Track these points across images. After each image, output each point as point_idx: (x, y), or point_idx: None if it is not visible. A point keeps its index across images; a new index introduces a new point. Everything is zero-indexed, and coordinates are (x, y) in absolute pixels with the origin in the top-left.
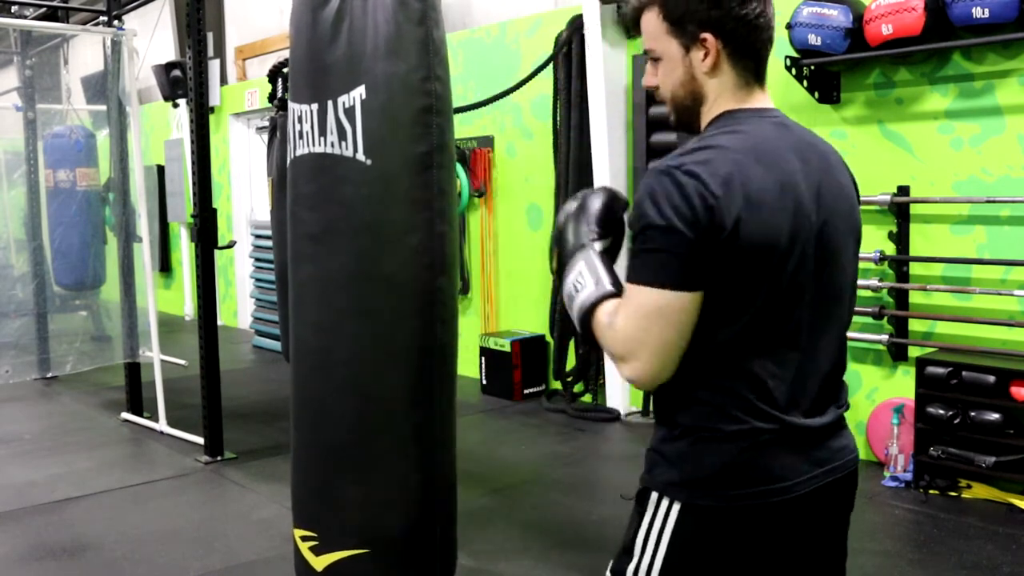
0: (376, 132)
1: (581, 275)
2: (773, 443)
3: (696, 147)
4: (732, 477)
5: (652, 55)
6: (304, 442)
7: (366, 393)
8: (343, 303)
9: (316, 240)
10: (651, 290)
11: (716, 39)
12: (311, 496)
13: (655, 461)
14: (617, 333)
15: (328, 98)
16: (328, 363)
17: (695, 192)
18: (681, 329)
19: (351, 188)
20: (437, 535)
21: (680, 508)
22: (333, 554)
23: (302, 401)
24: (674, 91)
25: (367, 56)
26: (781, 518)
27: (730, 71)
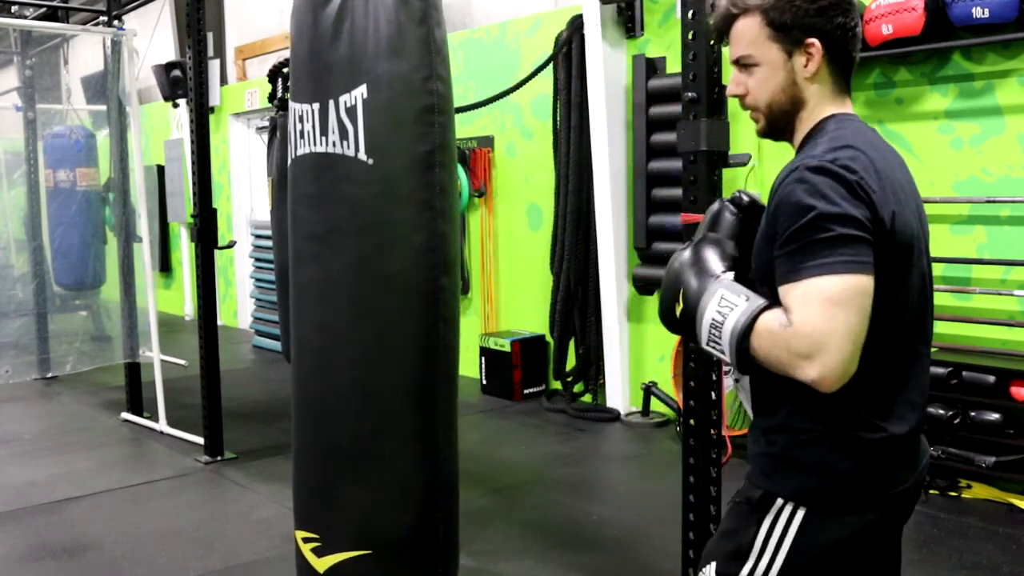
0: (378, 131)
1: (724, 300)
2: (902, 450)
3: (836, 145)
4: (864, 485)
5: (746, 61)
6: (306, 442)
7: (368, 393)
8: (345, 303)
9: (319, 240)
10: (832, 277)
11: (821, 45)
12: (313, 497)
13: (776, 466)
14: (799, 329)
15: (329, 97)
16: (330, 363)
17: (857, 185)
18: (866, 315)
19: (353, 188)
20: (440, 535)
21: (805, 514)
22: (335, 555)
23: (304, 401)
24: (773, 96)
25: (368, 55)
26: (891, 522)
27: (828, 77)
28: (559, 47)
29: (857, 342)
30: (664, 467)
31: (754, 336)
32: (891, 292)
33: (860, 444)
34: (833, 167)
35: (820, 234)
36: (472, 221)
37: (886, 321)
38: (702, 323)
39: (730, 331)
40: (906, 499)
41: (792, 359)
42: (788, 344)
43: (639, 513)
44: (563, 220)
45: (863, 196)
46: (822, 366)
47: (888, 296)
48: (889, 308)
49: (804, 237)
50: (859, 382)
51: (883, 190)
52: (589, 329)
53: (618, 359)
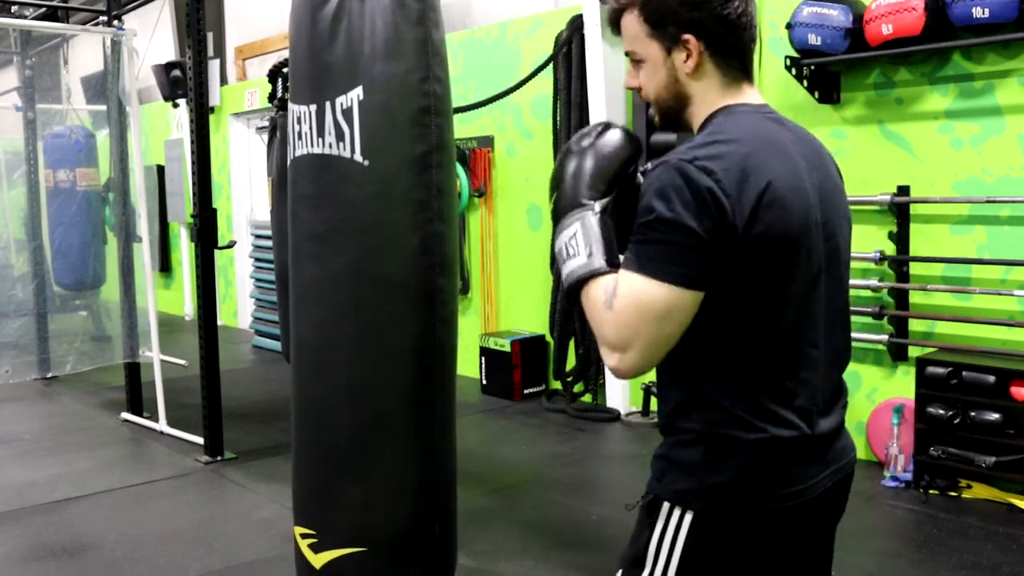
0: (374, 133)
1: (575, 239)
2: (791, 449)
3: (707, 141)
4: (748, 485)
5: (634, 57)
6: (305, 441)
7: (366, 393)
8: (344, 303)
9: (318, 240)
10: (655, 283)
11: (698, 40)
12: (311, 494)
13: (665, 469)
14: (615, 318)
15: (326, 99)
16: (329, 363)
17: (707, 188)
18: (679, 327)
19: (350, 189)
20: (436, 535)
21: (693, 517)
22: (331, 552)
23: (303, 400)
24: (657, 93)
25: (365, 57)
26: (791, 522)
27: (714, 71)
28: (559, 47)
29: (661, 348)
30: None
31: (583, 294)
32: (757, 294)
33: (739, 445)
34: (689, 168)
35: (653, 236)
36: (472, 221)
37: (758, 321)
38: (555, 240)
39: (567, 275)
40: (806, 501)
41: (601, 338)
42: (601, 326)
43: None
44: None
45: (708, 204)
46: (619, 361)
47: (752, 299)
48: (761, 309)
49: (643, 234)
50: (736, 382)
51: (743, 192)
52: (589, 329)
53: None
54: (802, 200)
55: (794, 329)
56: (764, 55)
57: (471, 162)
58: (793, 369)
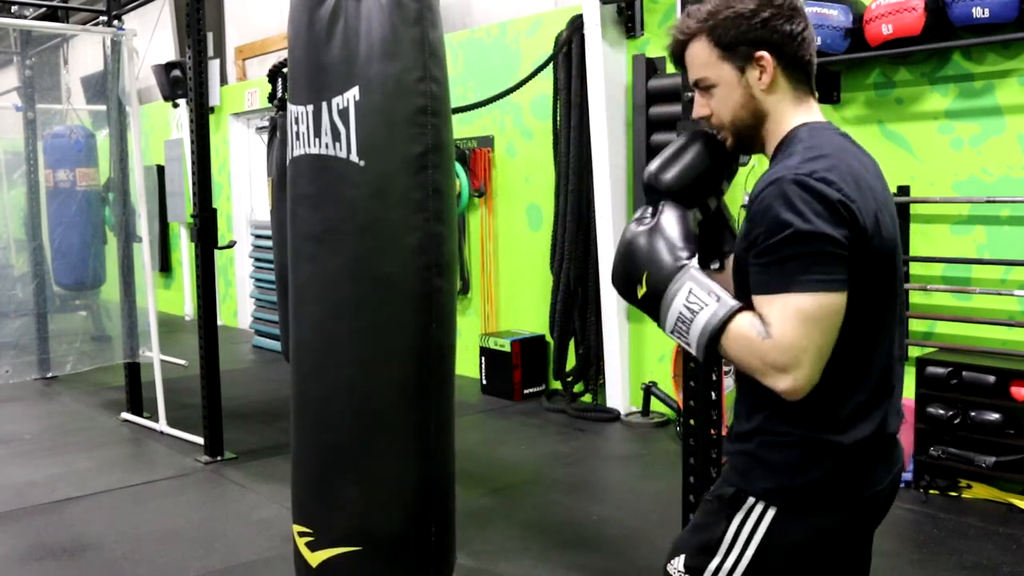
0: (370, 133)
1: (693, 295)
2: (875, 452)
3: (812, 156)
4: (837, 488)
5: (704, 84)
6: (303, 440)
7: (364, 392)
8: (342, 303)
9: (316, 240)
10: (807, 296)
11: (771, 56)
12: (309, 493)
13: (751, 466)
14: (778, 343)
15: (323, 99)
16: (326, 362)
17: (835, 197)
18: (834, 333)
19: (347, 189)
20: (432, 536)
21: (775, 513)
22: (328, 550)
23: (302, 399)
24: (735, 114)
25: (361, 57)
26: (864, 522)
27: (786, 86)
28: (559, 47)
29: (825, 357)
30: (664, 467)
31: (725, 339)
32: (871, 300)
33: (834, 448)
34: (810, 181)
35: (795, 250)
36: (472, 221)
37: (866, 328)
38: (668, 313)
39: (700, 329)
40: (878, 502)
41: (765, 368)
42: (764, 355)
43: (639, 513)
44: (563, 220)
45: (842, 213)
46: (794, 380)
47: (868, 304)
48: (869, 316)
49: (779, 252)
50: (837, 388)
51: (863, 199)
52: (589, 329)
53: (618, 359)
54: (891, 213)
55: (890, 333)
56: None
57: (471, 162)
58: (889, 374)
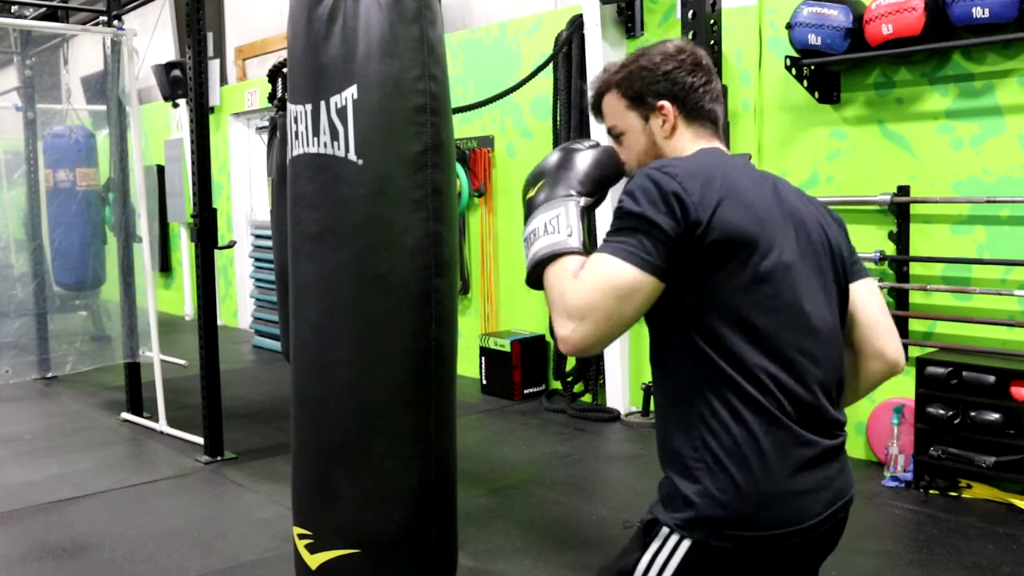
0: (368, 132)
1: (556, 220)
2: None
3: (676, 160)
4: (754, 519)
5: (615, 132)
6: (303, 441)
7: (362, 393)
8: (341, 303)
9: (315, 239)
10: (621, 263)
11: (672, 105)
12: (308, 494)
13: (668, 493)
14: (578, 286)
15: (321, 98)
16: (326, 363)
17: (669, 188)
18: (635, 311)
19: (345, 188)
20: (432, 538)
21: (691, 545)
22: (327, 553)
23: (301, 400)
24: (639, 159)
25: (360, 56)
26: (786, 557)
27: (687, 132)
28: (559, 47)
29: (615, 328)
30: None
31: (551, 267)
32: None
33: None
34: (656, 172)
35: (621, 225)
36: (472, 221)
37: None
38: (530, 222)
39: (538, 248)
40: (810, 536)
41: (559, 307)
42: (564, 293)
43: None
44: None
45: (672, 203)
46: (573, 330)
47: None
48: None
49: (615, 224)
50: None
51: (706, 192)
52: None
53: (618, 359)
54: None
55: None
56: (764, 55)
57: (471, 162)
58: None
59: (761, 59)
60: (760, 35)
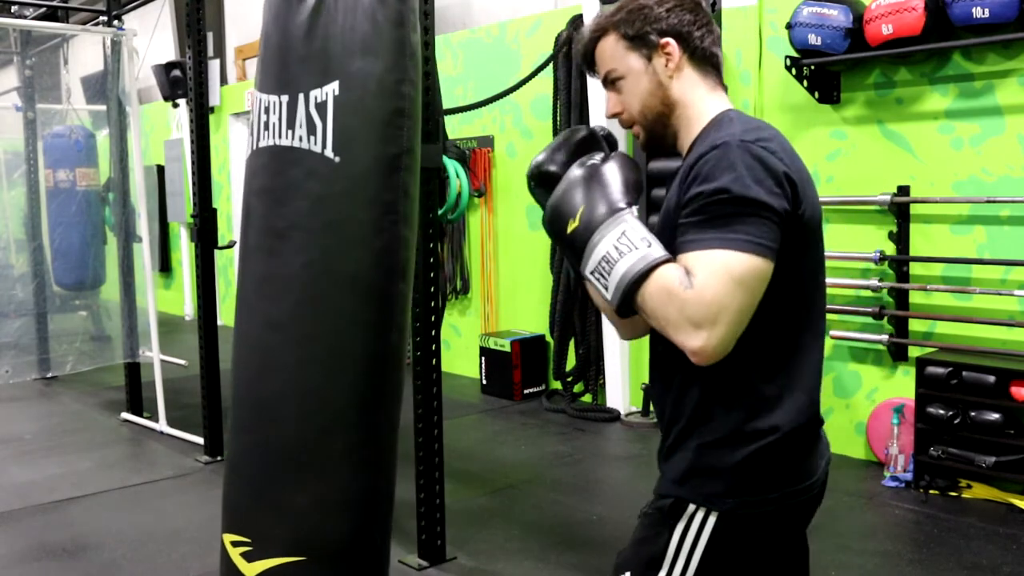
0: (347, 130)
1: (624, 238)
2: (810, 439)
3: (751, 127)
4: (777, 482)
5: (612, 76)
6: (245, 443)
7: (316, 396)
8: (300, 302)
9: (278, 235)
10: (738, 254)
11: (676, 43)
12: (249, 500)
13: (687, 472)
14: (698, 294)
15: (299, 91)
16: (278, 363)
17: (776, 166)
18: (758, 299)
19: (317, 184)
20: (377, 545)
21: (718, 518)
22: (268, 560)
23: (251, 401)
24: (644, 103)
25: (344, 52)
26: (799, 517)
27: (694, 74)
28: (559, 47)
29: (743, 323)
30: None
31: (646, 285)
32: (802, 276)
33: (769, 438)
34: (756, 147)
35: (731, 210)
36: (472, 221)
37: (797, 307)
38: (593, 252)
39: (622, 272)
40: (816, 491)
41: (681, 322)
42: (683, 306)
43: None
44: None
45: (784, 184)
46: (708, 338)
47: (799, 281)
48: (800, 293)
49: (714, 211)
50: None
51: (800, 175)
52: (589, 329)
53: (618, 359)
54: (815, 192)
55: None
56: (764, 55)
57: (471, 162)
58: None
59: (761, 59)
60: (760, 35)
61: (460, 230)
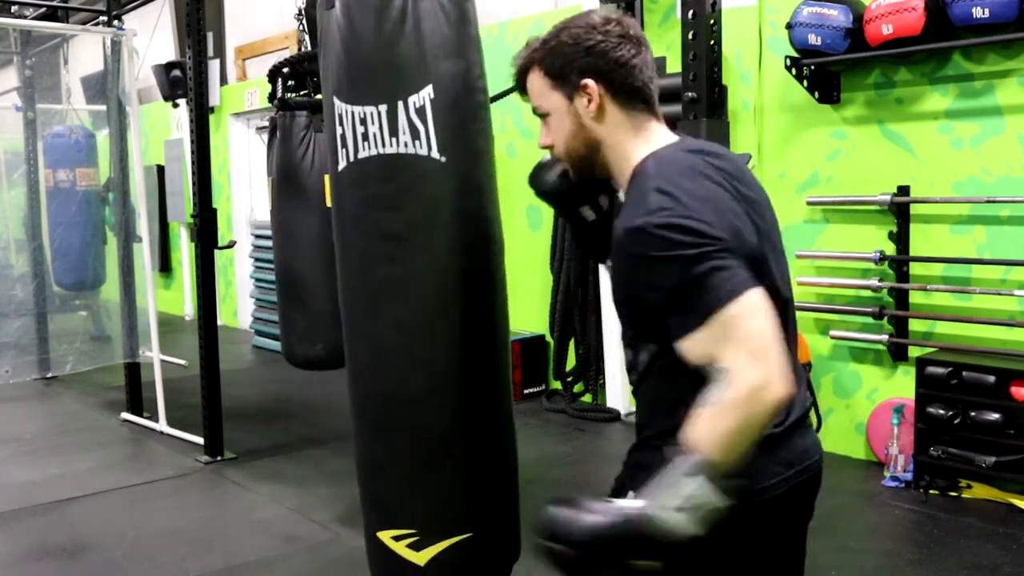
0: (446, 130)
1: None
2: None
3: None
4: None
5: (540, 112)
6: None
7: (464, 387)
8: (432, 301)
9: (397, 239)
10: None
11: (597, 84)
12: (406, 495)
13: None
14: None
15: (398, 99)
16: (422, 361)
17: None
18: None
19: (431, 186)
20: (519, 516)
21: None
22: (437, 545)
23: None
24: (567, 143)
25: (431, 56)
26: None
27: (618, 114)
28: None
29: (778, 338)
30: None
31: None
32: None
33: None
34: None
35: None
36: None
37: None
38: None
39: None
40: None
41: (751, 399)
42: (737, 392)
43: None
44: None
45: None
46: (778, 377)
47: None
48: None
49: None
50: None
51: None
52: (589, 329)
53: (618, 359)
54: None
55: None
56: (764, 55)
57: None
58: None
59: (761, 59)
60: (760, 35)
61: None
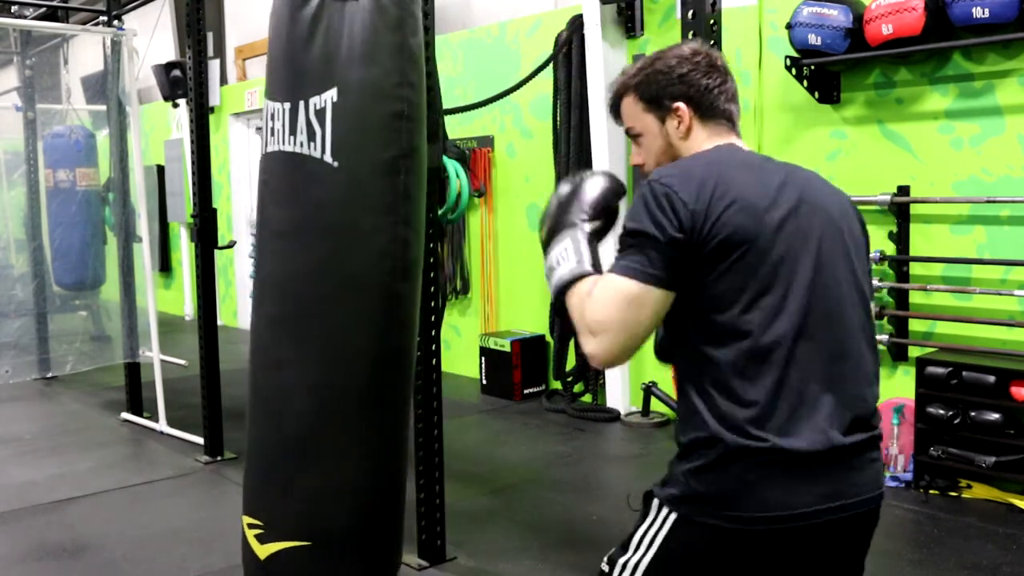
0: (345, 135)
1: (565, 251)
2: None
3: (680, 165)
4: (727, 501)
5: (633, 132)
6: (259, 435)
7: (324, 392)
8: (304, 301)
9: (284, 237)
10: (622, 279)
11: (687, 107)
12: (262, 487)
13: (667, 474)
14: (593, 303)
15: (300, 98)
16: (287, 359)
17: (667, 202)
18: (649, 316)
19: (319, 189)
20: (382, 534)
21: (676, 519)
22: (277, 543)
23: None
24: (657, 159)
25: (341, 59)
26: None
27: (702, 133)
28: (559, 47)
29: (635, 336)
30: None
31: (570, 292)
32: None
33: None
34: (655, 184)
35: (625, 243)
36: (472, 221)
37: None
38: (545, 261)
39: (556, 280)
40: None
41: (582, 326)
42: (583, 314)
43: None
44: None
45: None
46: (598, 344)
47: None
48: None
49: (622, 243)
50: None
51: (700, 200)
52: None
53: None
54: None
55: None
56: (764, 55)
57: (471, 162)
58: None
59: (761, 59)
60: (760, 35)
61: (460, 230)
